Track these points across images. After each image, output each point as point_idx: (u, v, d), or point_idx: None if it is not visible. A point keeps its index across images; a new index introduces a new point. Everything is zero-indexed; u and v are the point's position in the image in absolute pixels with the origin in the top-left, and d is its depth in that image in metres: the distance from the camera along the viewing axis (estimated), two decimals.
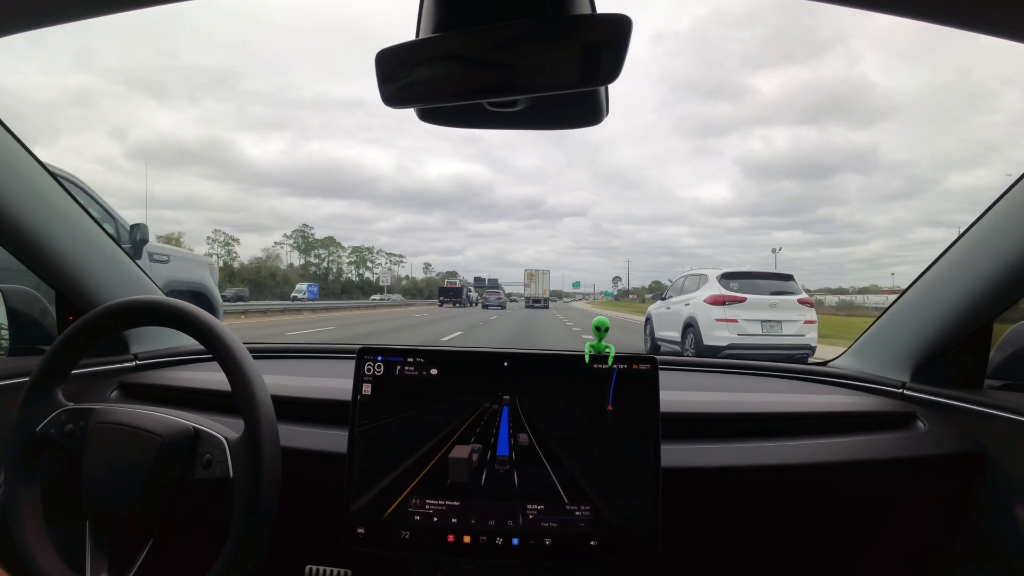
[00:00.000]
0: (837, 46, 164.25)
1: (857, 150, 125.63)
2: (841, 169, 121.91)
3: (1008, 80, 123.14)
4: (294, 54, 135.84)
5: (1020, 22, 0.45)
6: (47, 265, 0.98)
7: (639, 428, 0.77)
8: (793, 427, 0.92)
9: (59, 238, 0.98)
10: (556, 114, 0.62)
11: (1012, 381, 0.95)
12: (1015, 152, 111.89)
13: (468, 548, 0.75)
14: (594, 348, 0.79)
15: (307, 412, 0.93)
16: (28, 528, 0.71)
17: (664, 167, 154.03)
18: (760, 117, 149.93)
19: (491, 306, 30.38)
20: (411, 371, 0.79)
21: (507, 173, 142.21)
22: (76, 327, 0.76)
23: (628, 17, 0.47)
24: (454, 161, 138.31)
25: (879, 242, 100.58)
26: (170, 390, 1.03)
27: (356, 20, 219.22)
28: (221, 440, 0.70)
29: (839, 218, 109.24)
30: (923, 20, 0.46)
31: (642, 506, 0.75)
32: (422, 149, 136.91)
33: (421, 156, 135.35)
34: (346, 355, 1.27)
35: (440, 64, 0.53)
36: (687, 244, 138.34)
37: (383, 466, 0.77)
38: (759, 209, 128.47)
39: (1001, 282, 0.85)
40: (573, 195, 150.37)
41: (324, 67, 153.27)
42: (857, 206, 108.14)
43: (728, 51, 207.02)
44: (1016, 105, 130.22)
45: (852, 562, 0.97)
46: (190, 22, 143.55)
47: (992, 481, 0.85)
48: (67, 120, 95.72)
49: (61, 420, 0.74)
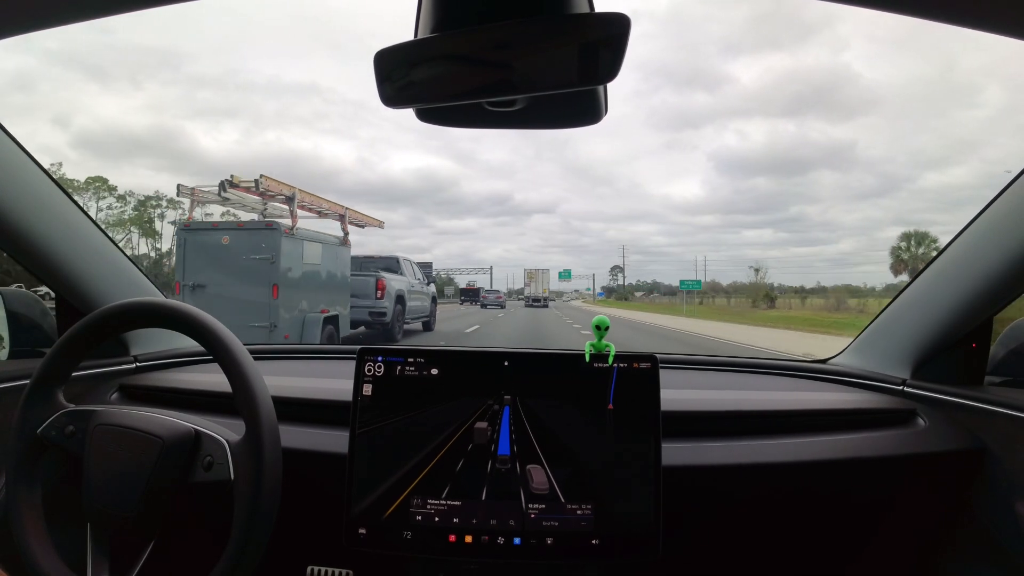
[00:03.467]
0: (824, 30, 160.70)
1: (835, 146, 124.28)
2: (817, 165, 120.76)
3: (992, 73, 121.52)
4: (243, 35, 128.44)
5: (1012, 17, 0.45)
6: (47, 267, 0.98)
7: (640, 427, 0.77)
8: (794, 425, 0.92)
9: (59, 240, 0.98)
10: (555, 113, 0.62)
11: (1012, 377, 0.95)
12: (992, 150, 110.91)
13: (469, 548, 0.75)
14: (594, 347, 0.79)
15: (308, 413, 0.93)
16: (29, 530, 0.71)
17: (636, 162, 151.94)
18: (738, 109, 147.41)
19: (490, 305, 30.32)
20: (411, 371, 0.79)
21: (473, 167, 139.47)
22: (76, 329, 0.76)
23: (627, 16, 0.47)
24: (418, 154, 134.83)
25: (848, 241, 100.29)
26: (171, 392, 1.03)
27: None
28: (222, 442, 0.70)
29: (810, 216, 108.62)
30: (917, 16, 0.46)
31: (643, 505, 0.75)
32: (384, 140, 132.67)
33: (383, 148, 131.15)
34: (346, 355, 1.27)
35: (439, 64, 0.53)
36: (656, 243, 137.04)
37: (384, 466, 0.77)
38: (732, 207, 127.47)
39: (1001, 278, 0.85)
40: (542, 191, 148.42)
41: (276, 49, 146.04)
42: (830, 204, 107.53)
43: (708, 34, 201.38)
44: (997, 101, 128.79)
45: (853, 559, 0.97)
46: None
47: (992, 477, 0.85)
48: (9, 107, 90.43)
49: (62, 422, 0.74)
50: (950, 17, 0.46)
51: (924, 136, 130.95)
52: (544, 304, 34.98)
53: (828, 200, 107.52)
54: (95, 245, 1.07)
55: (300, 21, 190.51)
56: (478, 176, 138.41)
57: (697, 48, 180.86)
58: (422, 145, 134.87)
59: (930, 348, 0.97)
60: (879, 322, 1.14)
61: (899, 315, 1.08)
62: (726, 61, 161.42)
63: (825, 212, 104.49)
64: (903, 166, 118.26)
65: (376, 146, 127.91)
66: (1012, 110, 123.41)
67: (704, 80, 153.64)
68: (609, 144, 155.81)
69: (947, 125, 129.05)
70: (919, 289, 1.02)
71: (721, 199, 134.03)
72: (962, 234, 0.93)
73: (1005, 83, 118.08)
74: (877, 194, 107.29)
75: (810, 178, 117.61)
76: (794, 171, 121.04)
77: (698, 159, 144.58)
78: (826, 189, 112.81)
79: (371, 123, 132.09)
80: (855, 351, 1.19)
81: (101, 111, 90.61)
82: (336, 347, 1.33)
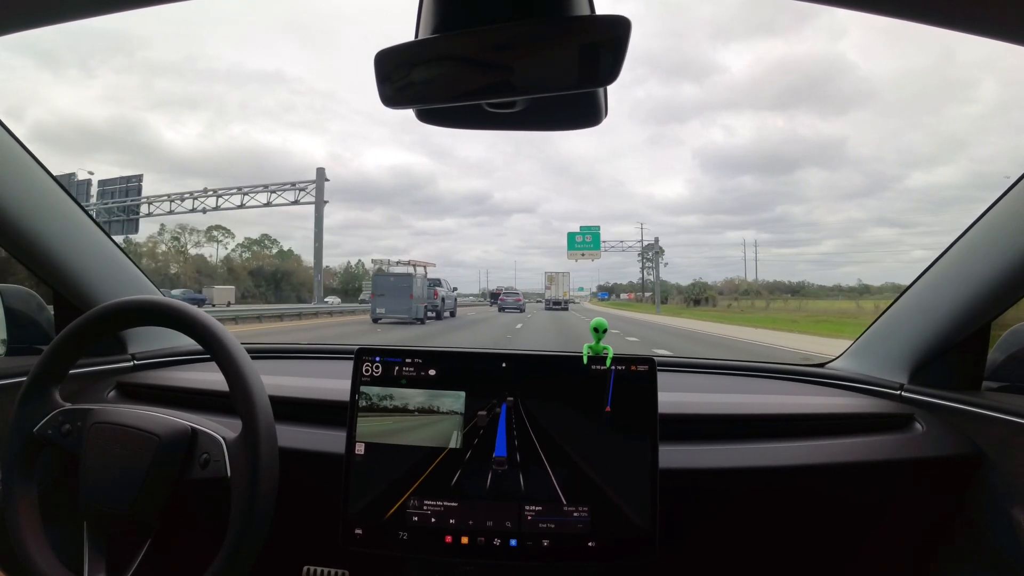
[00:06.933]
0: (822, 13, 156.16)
1: (824, 142, 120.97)
2: (805, 163, 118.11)
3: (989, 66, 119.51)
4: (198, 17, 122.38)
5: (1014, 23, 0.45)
6: (45, 265, 0.98)
7: (637, 429, 0.77)
8: (791, 428, 0.92)
9: (57, 237, 0.98)
10: (555, 115, 0.62)
11: (1010, 383, 0.95)
12: (982, 149, 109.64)
13: (466, 549, 0.75)
14: (592, 349, 0.79)
15: (305, 412, 0.93)
16: (25, 528, 0.71)
17: (618, 160, 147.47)
18: (727, 101, 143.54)
19: (508, 309, 28.35)
20: (409, 372, 0.79)
21: (450, 164, 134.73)
22: (74, 327, 0.76)
23: (627, 18, 0.47)
24: (393, 150, 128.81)
25: (831, 242, 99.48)
26: (168, 390, 1.02)
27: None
28: (219, 440, 0.70)
29: (795, 216, 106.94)
30: (918, 22, 0.46)
31: (640, 507, 0.75)
32: (356, 135, 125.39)
33: (355, 144, 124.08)
34: (344, 355, 1.27)
35: (439, 65, 0.53)
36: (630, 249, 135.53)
37: (381, 468, 0.76)
38: (716, 207, 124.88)
39: (999, 284, 0.85)
40: (521, 190, 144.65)
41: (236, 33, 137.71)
42: (815, 204, 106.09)
43: (699, 16, 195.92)
44: (991, 97, 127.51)
45: (849, 563, 0.97)
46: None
47: (989, 483, 0.85)
48: None
49: (58, 420, 0.74)
50: (944, 21, 0.46)
51: (915, 133, 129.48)
52: (564, 307, 34.39)
53: (814, 200, 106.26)
54: (93, 242, 1.07)
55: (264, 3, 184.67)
56: (456, 174, 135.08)
57: (686, 34, 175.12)
58: (396, 140, 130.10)
59: (928, 353, 0.97)
60: (877, 326, 1.14)
61: (897, 319, 1.08)
62: (716, 48, 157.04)
63: (810, 212, 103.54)
64: (891, 164, 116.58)
65: (348, 141, 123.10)
66: (1006, 107, 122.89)
67: (692, 69, 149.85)
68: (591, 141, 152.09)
69: (939, 122, 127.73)
70: (917, 293, 1.03)
71: (705, 198, 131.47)
72: (960, 239, 0.93)
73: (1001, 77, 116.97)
74: (863, 194, 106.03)
75: (797, 177, 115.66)
76: (781, 169, 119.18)
77: (683, 156, 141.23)
78: (813, 189, 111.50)
79: (342, 116, 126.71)
80: (853, 355, 1.19)
81: (56, 102, 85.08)
82: (334, 347, 1.33)
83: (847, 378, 1.11)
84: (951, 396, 0.93)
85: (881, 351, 1.10)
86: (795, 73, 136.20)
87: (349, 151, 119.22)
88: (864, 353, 1.16)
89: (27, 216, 0.92)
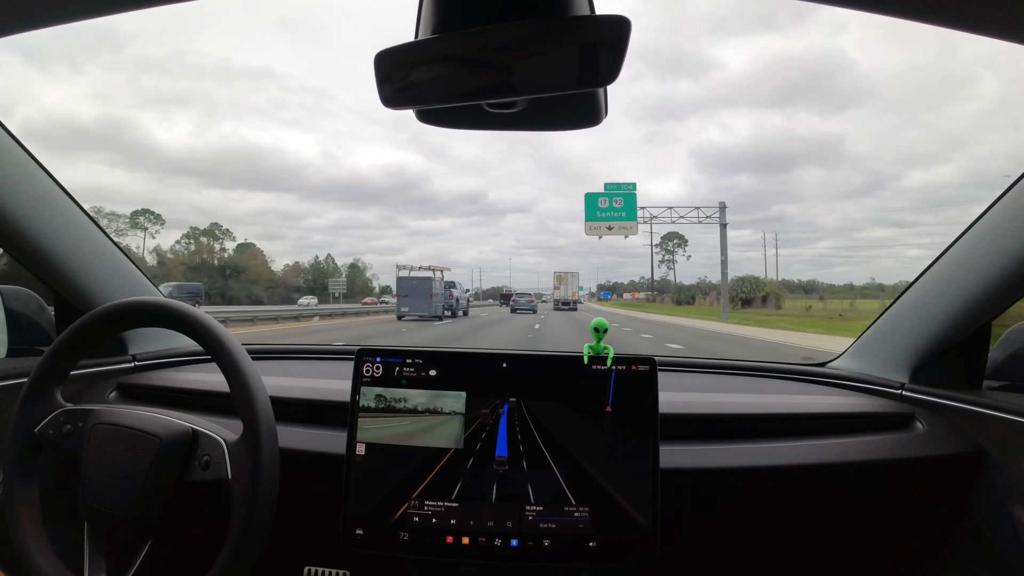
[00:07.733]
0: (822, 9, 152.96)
1: (822, 140, 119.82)
2: (803, 162, 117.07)
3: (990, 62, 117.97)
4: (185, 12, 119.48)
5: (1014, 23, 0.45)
6: (46, 266, 0.98)
7: (638, 429, 0.76)
8: (792, 428, 0.92)
9: (58, 239, 0.98)
10: (555, 115, 0.62)
11: (1011, 382, 0.95)
12: (981, 148, 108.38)
13: (467, 549, 0.75)
14: (593, 349, 0.79)
15: (306, 413, 0.93)
16: (26, 529, 0.71)
17: (614, 159, 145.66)
18: (724, 98, 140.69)
19: (521, 310, 27.81)
20: (410, 372, 0.79)
21: (444, 163, 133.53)
22: (75, 328, 0.76)
23: (627, 18, 0.47)
24: (386, 148, 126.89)
25: (826, 242, 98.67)
26: (169, 391, 1.02)
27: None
28: (220, 441, 0.70)
29: (791, 216, 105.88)
30: (918, 21, 0.46)
31: (641, 507, 0.75)
32: (348, 133, 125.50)
33: (348, 142, 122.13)
34: (345, 356, 1.27)
35: (439, 65, 0.53)
36: (631, 243, 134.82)
37: (382, 468, 0.76)
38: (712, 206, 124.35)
39: (1000, 283, 0.85)
40: (516, 189, 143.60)
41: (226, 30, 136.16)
42: (812, 203, 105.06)
43: (698, 10, 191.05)
44: (992, 94, 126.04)
45: (850, 563, 0.97)
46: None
47: (990, 482, 0.85)
48: None
49: (59, 421, 0.74)
50: (944, 20, 0.46)
51: (914, 131, 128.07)
52: (573, 307, 34.17)
53: (811, 199, 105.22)
54: (94, 243, 1.07)
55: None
56: (450, 173, 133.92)
57: (684, 28, 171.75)
58: (389, 138, 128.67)
59: (929, 352, 0.97)
60: (878, 325, 1.14)
61: (898, 319, 1.08)
62: (714, 44, 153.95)
63: (806, 212, 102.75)
64: (889, 163, 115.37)
65: (340, 139, 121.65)
66: (1006, 104, 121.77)
67: (690, 65, 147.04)
68: (587, 139, 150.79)
69: (938, 119, 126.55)
70: (918, 293, 1.02)
71: (701, 198, 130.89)
72: (961, 238, 0.93)
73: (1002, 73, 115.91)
74: (861, 193, 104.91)
75: (795, 175, 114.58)
76: (779, 168, 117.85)
77: (679, 154, 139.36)
78: (810, 188, 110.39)
79: (333, 113, 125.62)
80: (853, 354, 1.19)
81: (44, 100, 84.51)
82: (335, 347, 1.33)
83: (848, 377, 1.10)
84: (952, 395, 0.92)
85: (882, 350, 1.10)
86: (794, 69, 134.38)
87: (342, 149, 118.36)
88: (865, 352, 1.15)
89: (27, 217, 0.92)
